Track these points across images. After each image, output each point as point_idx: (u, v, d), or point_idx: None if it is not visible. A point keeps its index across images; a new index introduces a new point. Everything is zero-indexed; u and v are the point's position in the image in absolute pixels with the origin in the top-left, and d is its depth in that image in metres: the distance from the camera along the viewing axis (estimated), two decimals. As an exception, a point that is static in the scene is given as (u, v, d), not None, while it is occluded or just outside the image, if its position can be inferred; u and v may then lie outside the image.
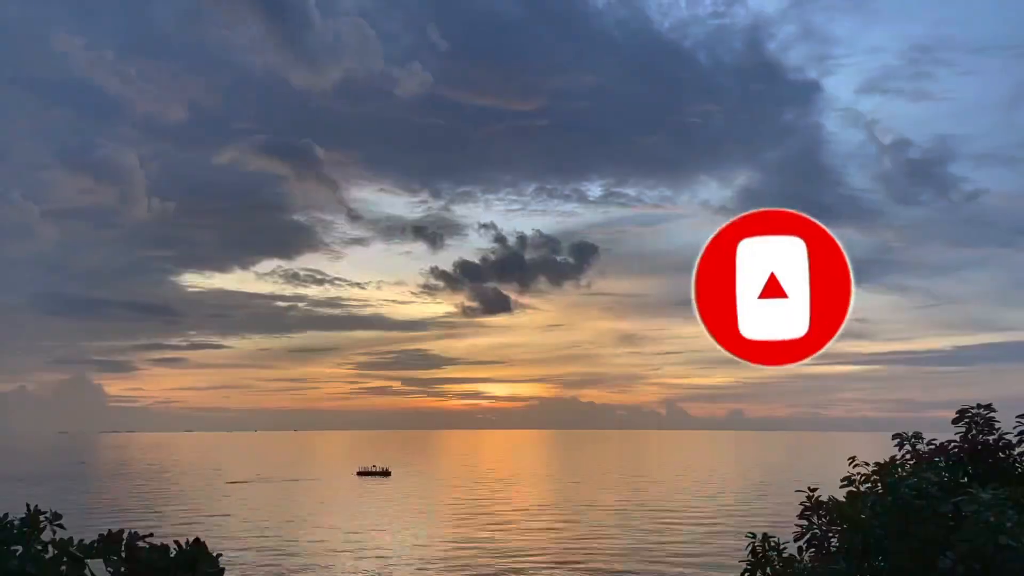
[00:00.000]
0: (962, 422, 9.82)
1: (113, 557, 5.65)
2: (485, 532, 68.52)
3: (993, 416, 9.66)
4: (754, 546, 9.49)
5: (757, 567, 9.28)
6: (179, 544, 5.79)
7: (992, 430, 9.64)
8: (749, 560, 9.38)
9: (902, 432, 10.16)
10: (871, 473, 9.34)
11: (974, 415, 9.76)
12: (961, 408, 9.85)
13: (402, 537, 65.14)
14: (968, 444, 9.71)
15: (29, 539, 5.62)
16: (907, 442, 10.03)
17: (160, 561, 5.63)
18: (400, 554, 57.30)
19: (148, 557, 5.64)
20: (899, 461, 9.58)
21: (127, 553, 5.68)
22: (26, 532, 5.64)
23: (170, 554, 5.70)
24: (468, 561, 54.58)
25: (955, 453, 9.76)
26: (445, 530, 69.70)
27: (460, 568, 52.35)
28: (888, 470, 9.19)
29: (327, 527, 70.03)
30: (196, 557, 5.71)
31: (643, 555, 56.55)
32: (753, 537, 9.59)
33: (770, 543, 9.48)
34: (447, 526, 72.70)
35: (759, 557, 9.35)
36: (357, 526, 70.72)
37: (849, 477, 9.49)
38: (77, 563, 5.54)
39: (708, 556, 56.17)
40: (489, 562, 54.43)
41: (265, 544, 60.39)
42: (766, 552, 9.39)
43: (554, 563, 53.96)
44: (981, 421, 9.72)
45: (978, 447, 9.64)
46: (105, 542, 5.69)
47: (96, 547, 5.66)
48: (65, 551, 5.56)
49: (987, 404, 9.81)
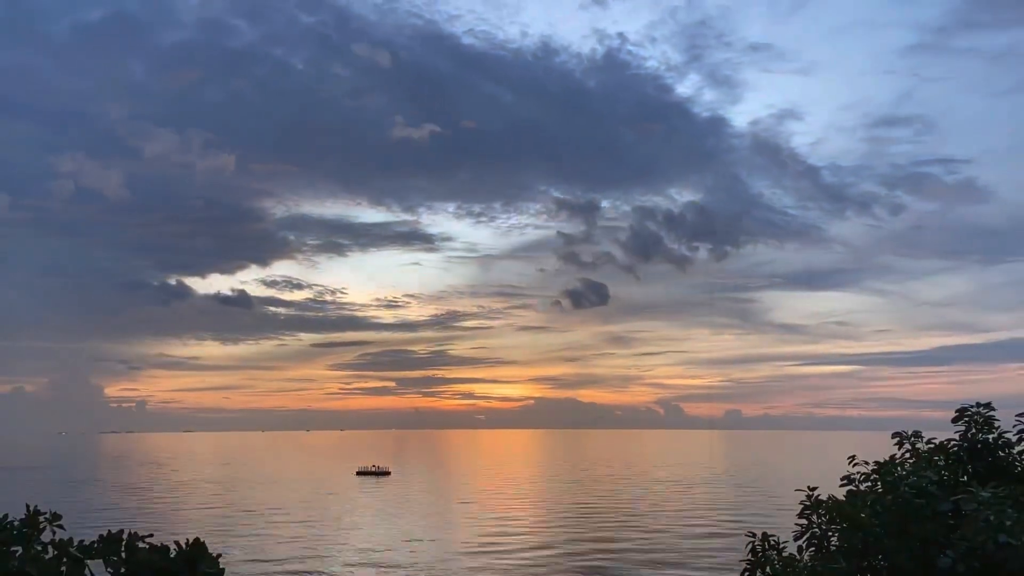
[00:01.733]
0: (961, 421, 9.83)
1: (113, 557, 5.64)
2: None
3: (993, 415, 9.67)
4: (754, 545, 9.50)
5: (757, 566, 9.28)
6: (179, 544, 5.77)
7: (992, 429, 9.65)
8: (749, 559, 9.38)
9: (901, 431, 10.18)
10: (871, 472, 9.35)
11: (973, 414, 9.78)
12: (960, 407, 9.86)
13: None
14: (968, 443, 9.72)
15: (29, 540, 5.60)
16: (906, 441, 10.04)
17: (160, 561, 5.62)
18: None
19: (148, 557, 5.62)
20: (899, 460, 9.59)
21: (127, 553, 5.66)
22: (26, 533, 5.63)
23: (170, 554, 5.69)
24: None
25: (955, 452, 9.77)
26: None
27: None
28: (888, 469, 9.20)
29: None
30: (196, 557, 5.70)
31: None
32: (753, 537, 9.60)
33: (769, 542, 9.48)
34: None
35: (759, 556, 9.35)
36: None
37: (849, 476, 9.49)
38: (77, 564, 5.53)
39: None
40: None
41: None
42: (766, 551, 9.40)
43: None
44: (980, 420, 9.73)
45: (977, 446, 9.65)
46: (105, 542, 5.67)
47: (96, 547, 5.64)
48: (65, 552, 5.55)
49: (987, 403, 9.83)
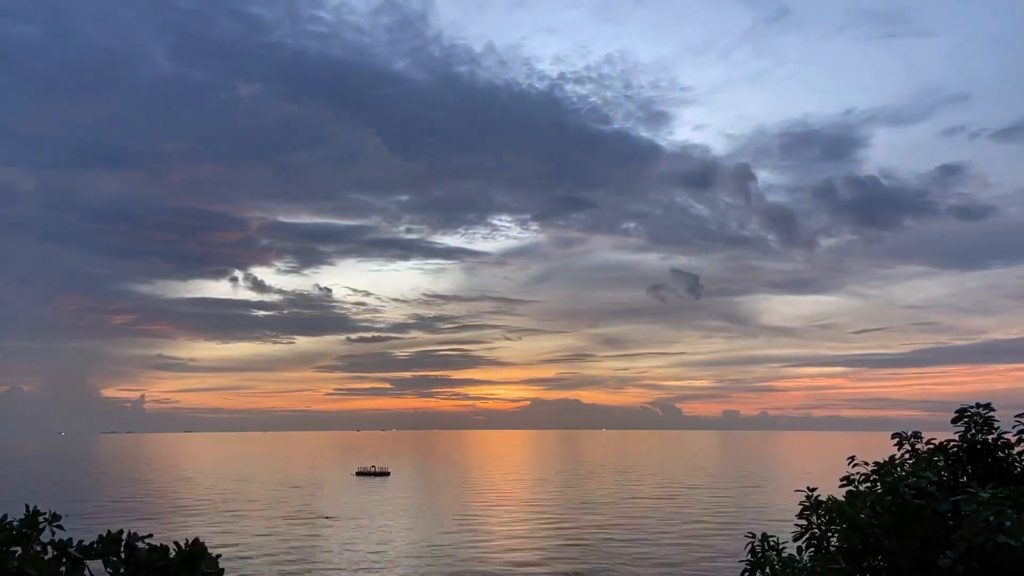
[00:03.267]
0: (961, 421, 9.83)
1: (112, 558, 5.62)
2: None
3: (992, 415, 9.67)
4: (753, 546, 9.49)
5: (756, 567, 9.27)
6: (179, 544, 5.76)
7: (991, 429, 9.65)
8: (748, 560, 9.37)
9: (901, 431, 10.18)
10: (870, 472, 9.35)
11: (973, 414, 9.77)
12: (960, 407, 9.86)
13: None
14: (967, 443, 9.72)
15: (28, 540, 5.59)
16: (906, 441, 10.04)
17: (160, 561, 5.61)
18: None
19: (148, 557, 5.61)
20: (898, 460, 9.58)
21: (126, 554, 5.65)
22: (25, 533, 5.61)
23: (170, 554, 5.68)
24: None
25: (954, 452, 9.76)
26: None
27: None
28: (887, 469, 9.20)
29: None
30: (196, 557, 5.69)
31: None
32: (752, 537, 9.59)
33: (769, 543, 9.48)
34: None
35: (758, 557, 9.35)
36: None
37: (848, 476, 9.49)
38: (76, 564, 5.52)
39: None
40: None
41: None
42: (765, 552, 9.39)
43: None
44: (980, 420, 9.73)
45: (977, 446, 9.65)
46: (104, 543, 5.65)
47: (95, 548, 5.63)
48: (64, 552, 5.54)
49: (986, 404, 9.82)
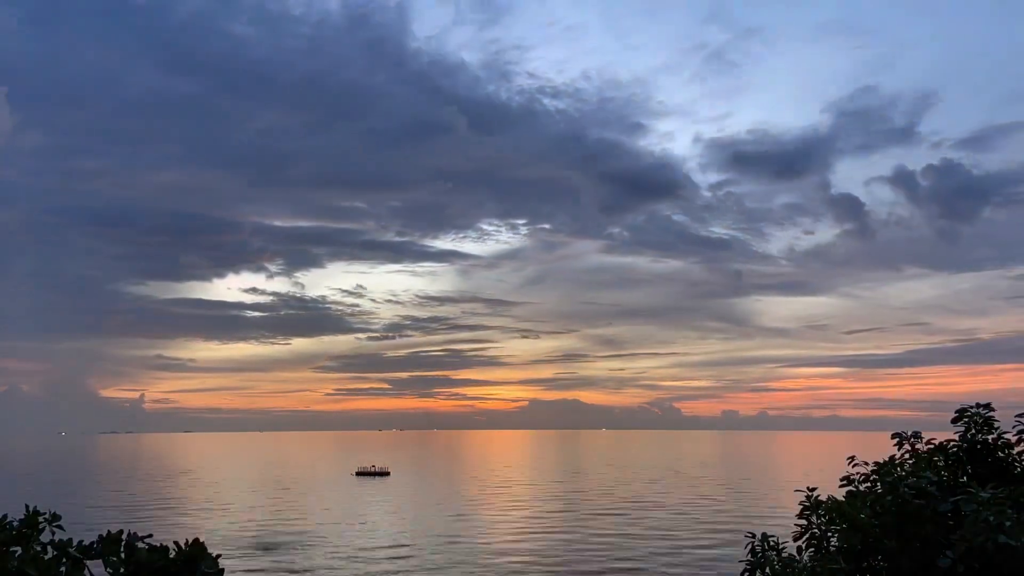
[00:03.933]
0: (961, 421, 9.82)
1: (112, 558, 5.62)
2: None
3: (992, 415, 9.67)
4: (753, 546, 9.48)
5: (756, 567, 9.27)
6: (178, 544, 5.76)
7: (991, 429, 9.65)
8: (748, 560, 9.37)
9: (901, 431, 10.18)
10: (870, 472, 9.35)
11: (973, 414, 9.77)
12: (960, 407, 9.85)
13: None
14: (967, 443, 9.72)
15: (28, 540, 5.59)
16: (906, 441, 10.04)
17: (160, 561, 5.60)
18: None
19: (148, 557, 5.61)
20: (898, 460, 9.58)
21: (126, 554, 5.64)
22: (25, 533, 5.61)
23: (169, 554, 5.67)
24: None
25: (954, 452, 9.76)
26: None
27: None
28: (887, 469, 9.20)
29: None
30: (196, 557, 5.68)
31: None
32: (752, 537, 9.58)
33: (769, 543, 9.47)
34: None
35: (758, 557, 9.34)
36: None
37: (848, 476, 9.49)
38: (76, 564, 5.51)
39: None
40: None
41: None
42: (765, 552, 9.39)
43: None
44: (980, 420, 9.72)
45: (977, 446, 9.64)
46: (104, 543, 5.64)
47: (95, 548, 5.62)
48: (64, 552, 5.53)
49: (986, 404, 9.82)
